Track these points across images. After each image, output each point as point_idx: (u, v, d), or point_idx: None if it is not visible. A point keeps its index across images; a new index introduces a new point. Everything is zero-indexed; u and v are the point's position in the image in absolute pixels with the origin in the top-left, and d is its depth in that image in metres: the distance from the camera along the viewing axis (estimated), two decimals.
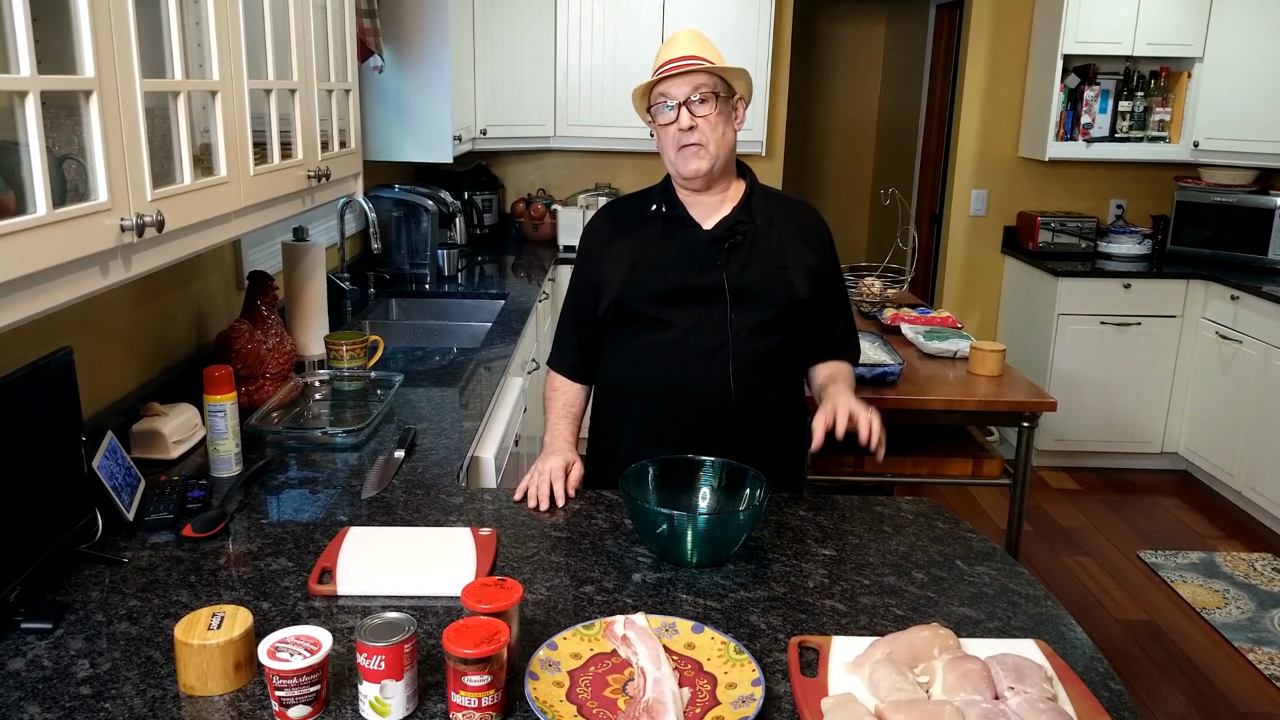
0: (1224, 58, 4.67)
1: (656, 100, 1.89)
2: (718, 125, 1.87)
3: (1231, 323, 4.46)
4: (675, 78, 1.85)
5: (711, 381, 1.90)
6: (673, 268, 1.92)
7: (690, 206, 1.96)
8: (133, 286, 2.08)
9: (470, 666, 1.15)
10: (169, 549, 1.60)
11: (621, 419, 2.00)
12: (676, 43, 1.88)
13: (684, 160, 1.88)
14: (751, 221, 1.94)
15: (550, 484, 1.83)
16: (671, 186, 1.99)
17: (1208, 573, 3.89)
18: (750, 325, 1.90)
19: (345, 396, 2.40)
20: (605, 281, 1.96)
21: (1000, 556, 1.65)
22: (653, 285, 1.92)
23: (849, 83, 6.91)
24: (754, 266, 1.91)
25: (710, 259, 1.91)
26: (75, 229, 1.22)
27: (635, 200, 2.05)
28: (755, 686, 1.22)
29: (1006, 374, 2.94)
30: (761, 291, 1.90)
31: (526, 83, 4.54)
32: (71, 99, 1.26)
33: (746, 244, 1.92)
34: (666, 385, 1.92)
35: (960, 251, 5.29)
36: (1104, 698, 1.26)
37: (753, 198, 1.97)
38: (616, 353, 2.00)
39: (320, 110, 2.18)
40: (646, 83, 1.89)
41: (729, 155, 1.93)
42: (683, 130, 1.85)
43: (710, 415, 1.90)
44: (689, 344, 1.90)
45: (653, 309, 1.92)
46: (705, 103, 1.85)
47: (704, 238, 1.93)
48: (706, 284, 1.90)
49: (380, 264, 3.87)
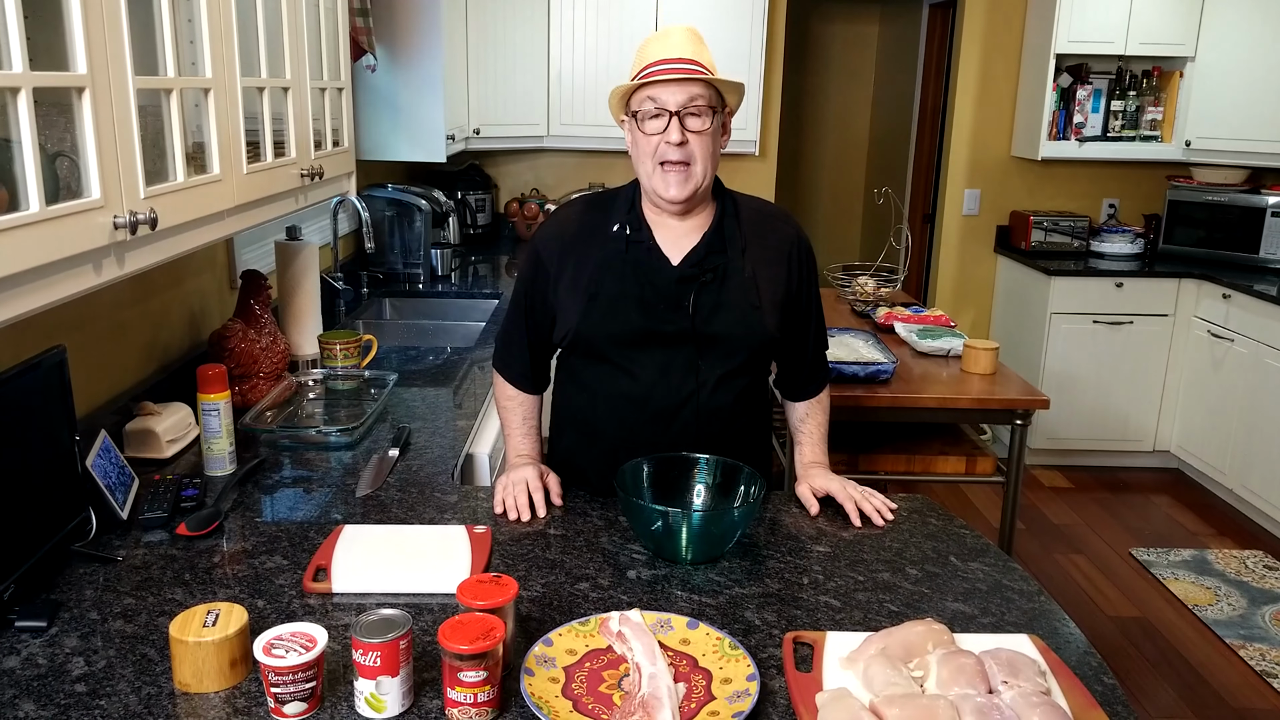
0: (1216, 57, 4.68)
1: (642, 104, 1.68)
2: (708, 144, 1.68)
3: (1223, 321, 4.48)
4: (671, 83, 1.65)
5: (678, 433, 1.78)
6: (635, 307, 1.74)
7: (657, 229, 1.77)
8: (126, 285, 2.07)
9: (465, 662, 1.15)
10: (163, 548, 1.59)
11: (584, 451, 1.89)
12: (670, 40, 1.69)
13: (665, 184, 1.69)
14: (723, 252, 1.76)
15: (529, 494, 1.75)
16: (638, 204, 1.79)
17: (1199, 570, 3.90)
18: (718, 374, 1.77)
19: (339, 396, 2.40)
20: (562, 307, 1.79)
21: (993, 553, 1.65)
22: (615, 326, 1.75)
23: (842, 82, 6.92)
24: (725, 310, 1.74)
25: (676, 300, 1.73)
26: (68, 226, 1.22)
27: (596, 207, 1.83)
28: (750, 681, 1.22)
29: (999, 372, 2.95)
30: (732, 337, 1.76)
31: (520, 82, 4.54)
32: (64, 96, 1.26)
33: (717, 281, 1.74)
34: (630, 433, 1.79)
35: (953, 251, 5.30)
36: (1097, 692, 1.26)
37: (724, 221, 1.77)
38: (580, 388, 1.87)
39: (313, 109, 2.17)
40: (631, 84, 1.69)
41: (713, 176, 1.75)
42: (670, 144, 1.66)
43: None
44: (655, 397, 1.77)
45: (615, 353, 1.77)
46: (700, 117, 1.66)
47: (670, 276, 1.74)
48: (673, 329, 1.74)
49: (374, 264, 3.86)
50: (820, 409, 1.98)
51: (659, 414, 1.78)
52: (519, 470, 1.82)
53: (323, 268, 3.29)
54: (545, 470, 1.84)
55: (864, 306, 3.64)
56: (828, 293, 4.03)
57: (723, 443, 1.78)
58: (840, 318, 3.57)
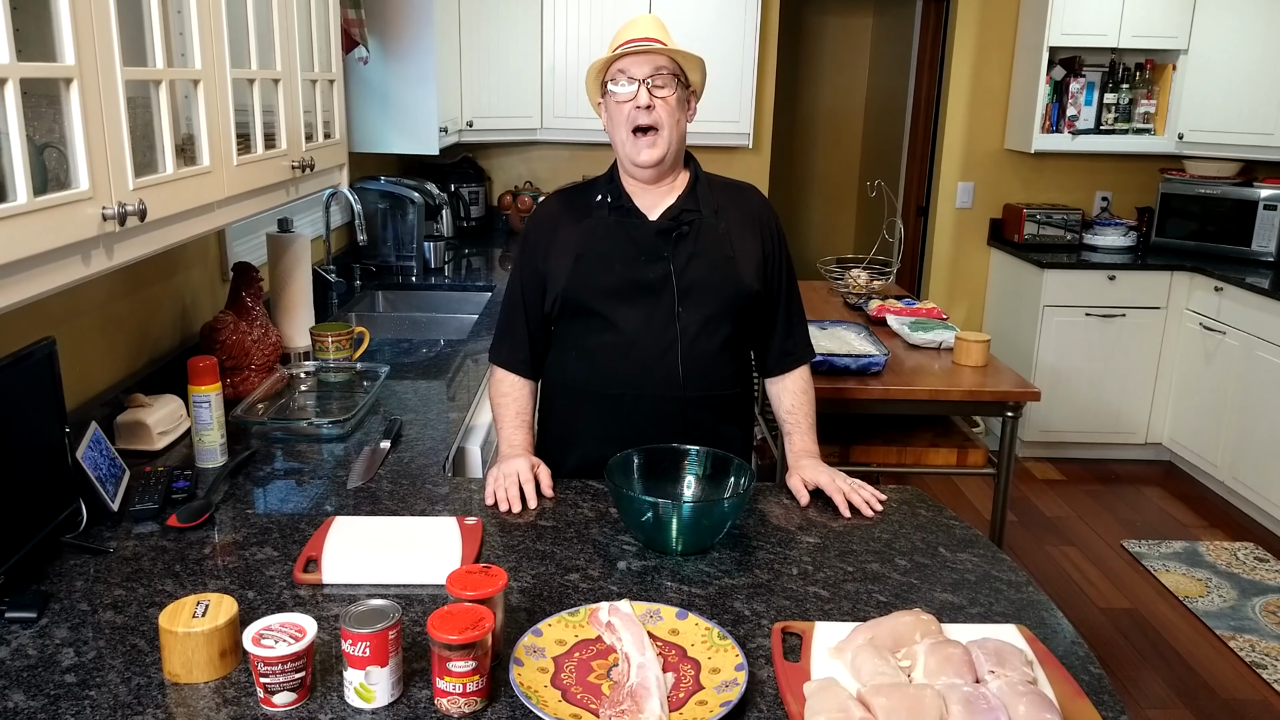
0: (1209, 50, 4.69)
1: (613, 76, 1.85)
2: (674, 111, 1.84)
3: (1215, 314, 4.49)
4: (636, 55, 1.82)
5: (663, 380, 1.88)
6: (619, 260, 1.88)
7: (635, 196, 1.93)
8: (117, 278, 2.07)
9: (455, 652, 1.15)
10: (154, 539, 1.60)
11: (574, 418, 1.97)
12: (638, 25, 1.86)
13: (636, 149, 1.85)
14: (697, 210, 1.91)
15: (520, 485, 1.79)
16: (618, 177, 1.95)
17: (1190, 562, 3.92)
18: (699, 320, 1.88)
19: (331, 388, 2.40)
20: (551, 274, 1.92)
21: (983, 544, 1.66)
22: (600, 279, 1.88)
23: (836, 75, 6.92)
24: (701, 257, 1.88)
25: (656, 251, 1.88)
26: (56, 217, 1.22)
27: (580, 191, 2.01)
28: (738, 671, 1.23)
29: (991, 364, 2.96)
30: (709, 283, 1.88)
31: (513, 75, 4.53)
32: (52, 87, 1.25)
33: (693, 234, 1.89)
34: (618, 385, 1.90)
35: (946, 244, 5.31)
36: (1084, 681, 1.27)
37: (698, 186, 1.94)
38: (566, 350, 1.97)
39: (304, 101, 2.17)
40: (604, 58, 1.86)
41: (680, 145, 1.90)
42: (639, 108, 1.81)
43: (663, 414, 1.89)
44: (639, 343, 1.88)
45: (600, 305, 1.88)
46: (664, 86, 1.82)
47: (650, 229, 1.89)
48: (653, 277, 1.87)
49: (366, 256, 3.86)
50: (806, 399, 2.01)
51: (644, 360, 1.88)
52: (510, 462, 1.84)
53: (315, 260, 3.29)
54: (536, 462, 1.87)
55: (856, 299, 3.65)
56: (820, 285, 4.03)
57: (708, 387, 1.91)
58: (833, 310, 3.57)
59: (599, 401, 1.92)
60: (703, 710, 1.16)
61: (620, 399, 1.90)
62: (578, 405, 1.96)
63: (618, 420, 1.91)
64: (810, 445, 1.96)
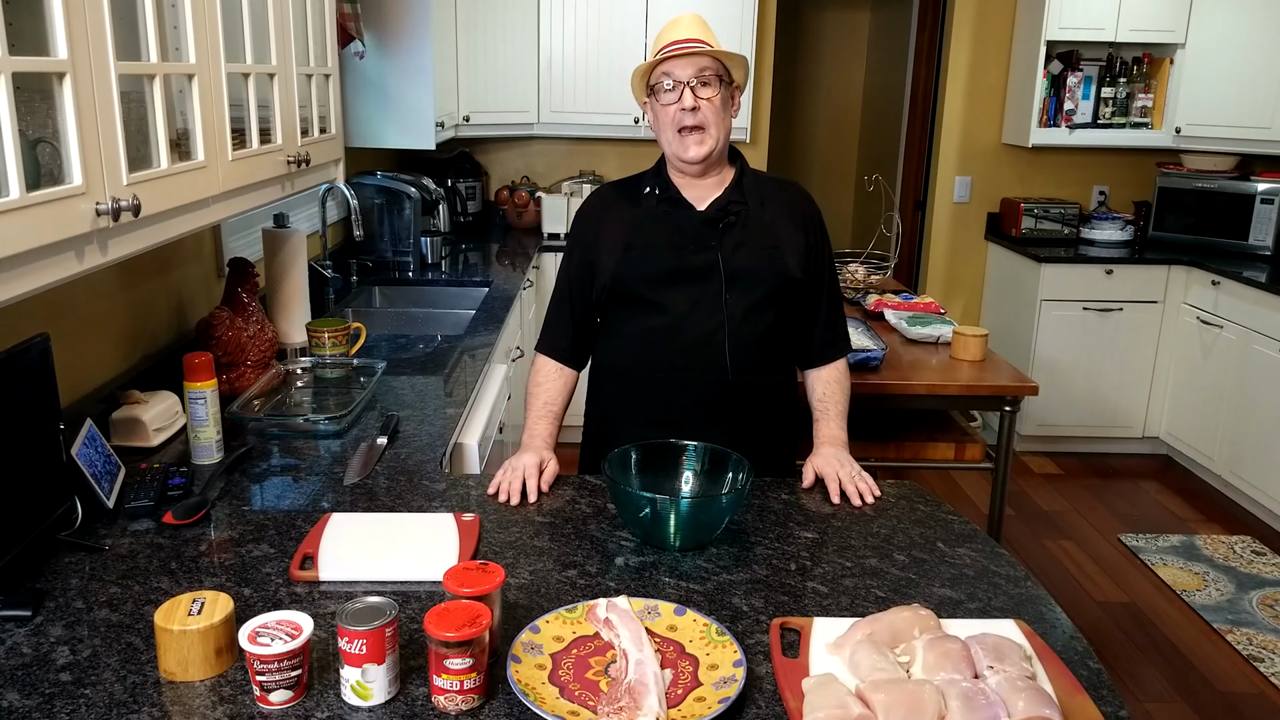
0: (1206, 44, 4.68)
1: (658, 79, 1.89)
2: (719, 110, 1.88)
3: (1212, 308, 4.49)
4: (680, 58, 1.85)
5: (709, 364, 1.91)
6: (667, 249, 1.93)
7: (683, 189, 1.97)
8: (111, 274, 2.06)
9: (452, 650, 1.15)
10: (149, 536, 1.59)
11: (620, 403, 2.00)
12: (680, 25, 1.89)
13: (684, 146, 1.89)
14: (744, 202, 1.95)
15: (524, 480, 1.81)
16: (665, 170, 1.99)
17: (1188, 555, 3.92)
18: (745, 306, 1.91)
19: (327, 384, 2.39)
20: (600, 263, 1.96)
21: (981, 538, 1.66)
22: (648, 267, 1.92)
23: (834, 69, 6.91)
24: (747, 246, 1.92)
25: (704, 240, 1.92)
26: (49, 213, 1.21)
27: (628, 184, 2.05)
28: (737, 668, 1.23)
29: (989, 359, 2.96)
30: (756, 271, 1.92)
31: (510, 69, 4.52)
32: (45, 81, 1.24)
33: (739, 224, 1.94)
34: (665, 369, 1.93)
35: (944, 238, 5.30)
36: (1083, 676, 1.27)
37: (744, 180, 1.98)
38: (613, 336, 2.00)
39: (300, 96, 2.16)
40: (649, 62, 1.89)
41: (726, 141, 1.95)
42: (685, 110, 1.86)
43: (709, 397, 1.92)
44: (686, 326, 1.91)
45: (649, 291, 1.92)
46: (708, 85, 1.86)
47: (697, 219, 1.94)
48: (701, 264, 1.91)
49: (363, 251, 3.85)
50: (840, 388, 2.05)
51: (691, 343, 1.91)
52: (522, 455, 1.87)
53: (311, 256, 3.27)
54: (547, 458, 1.89)
55: (854, 294, 3.64)
56: None
57: (753, 372, 1.94)
58: None
59: (645, 384, 1.95)
60: (701, 706, 1.16)
61: (667, 382, 1.93)
62: (625, 389, 1.99)
63: (663, 403, 1.94)
64: (836, 432, 1.99)
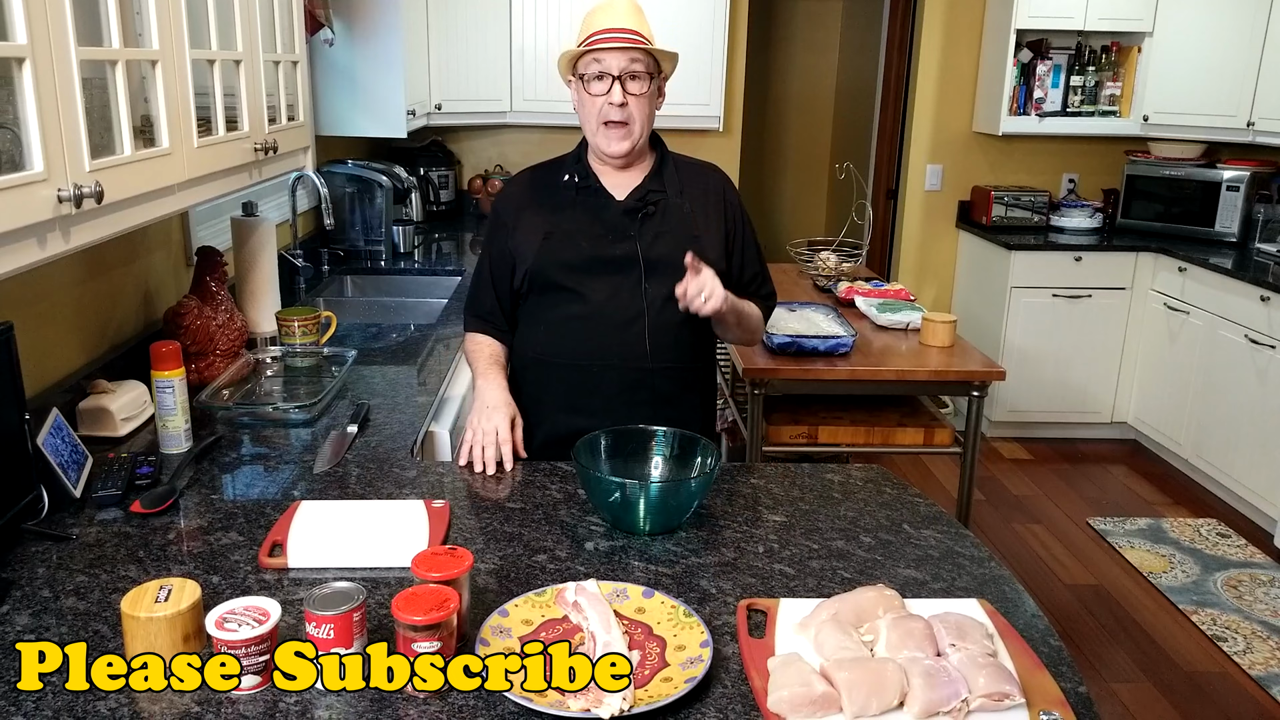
0: (1173, 33, 4.73)
1: (587, 66, 1.87)
2: (646, 105, 1.88)
3: (1179, 294, 4.55)
4: (614, 50, 1.84)
5: (629, 351, 1.92)
6: (586, 238, 1.93)
7: (603, 176, 1.97)
8: (77, 262, 2.05)
9: (419, 633, 1.16)
10: (117, 525, 1.58)
11: (541, 391, 2.01)
12: (615, 9, 1.87)
13: (607, 140, 1.89)
14: (663, 191, 1.95)
15: (498, 447, 1.83)
16: (585, 156, 1.99)
17: (1155, 539, 3.98)
18: (665, 294, 1.89)
19: (298, 373, 2.39)
20: (519, 251, 1.96)
21: (946, 520, 1.68)
22: (567, 256, 1.92)
23: (806, 58, 6.92)
24: (667, 236, 1.93)
25: (623, 230, 1.93)
26: (10, 199, 1.20)
27: (548, 169, 2.04)
28: (704, 648, 1.24)
29: (957, 345, 2.98)
30: (675, 261, 1.87)
31: (482, 57, 4.50)
32: (4, 67, 1.23)
33: (659, 214, 1.94)
34: (585, 356, 1.94)
35: (916, 226, 5.33)
36: (1043, 654, 1.29)
37: (664, 168, 1.98)
38: (533, 325, 2.01)
39: (268, 83, 2.15)
40: (576, 50, 1.87)
41: (649, 133, 1.95)
42: (612, 105, 1.85)
43: (629, 384, 1.94)
44: (605, 315, 1.92)
45: (568, 279, 1.93)
46: (638, 79, 1.86)
47: (617, 209, 1.94)
48: (620, 254, 1.92)
49: (334, 240, 3.83)
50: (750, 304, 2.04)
51: (610, 331, 1.92)
52: (489, 419, 1.87)
53: (282, 245, 3.25)
54: (514, 414, 1.91)
55: (825, 281, 3.67)
56: (790, 268, 4.04)
57: (673, 359, 1.95)
58: (802, 292, 3.59)
59: (566, 372, 1.96)
60: (668, 686, 1.17)
61: (588, 369, 1.94)
62: (545, 377, 1.99)
63: (585, 391, 1.94)
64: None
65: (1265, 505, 4.00)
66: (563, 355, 1.95)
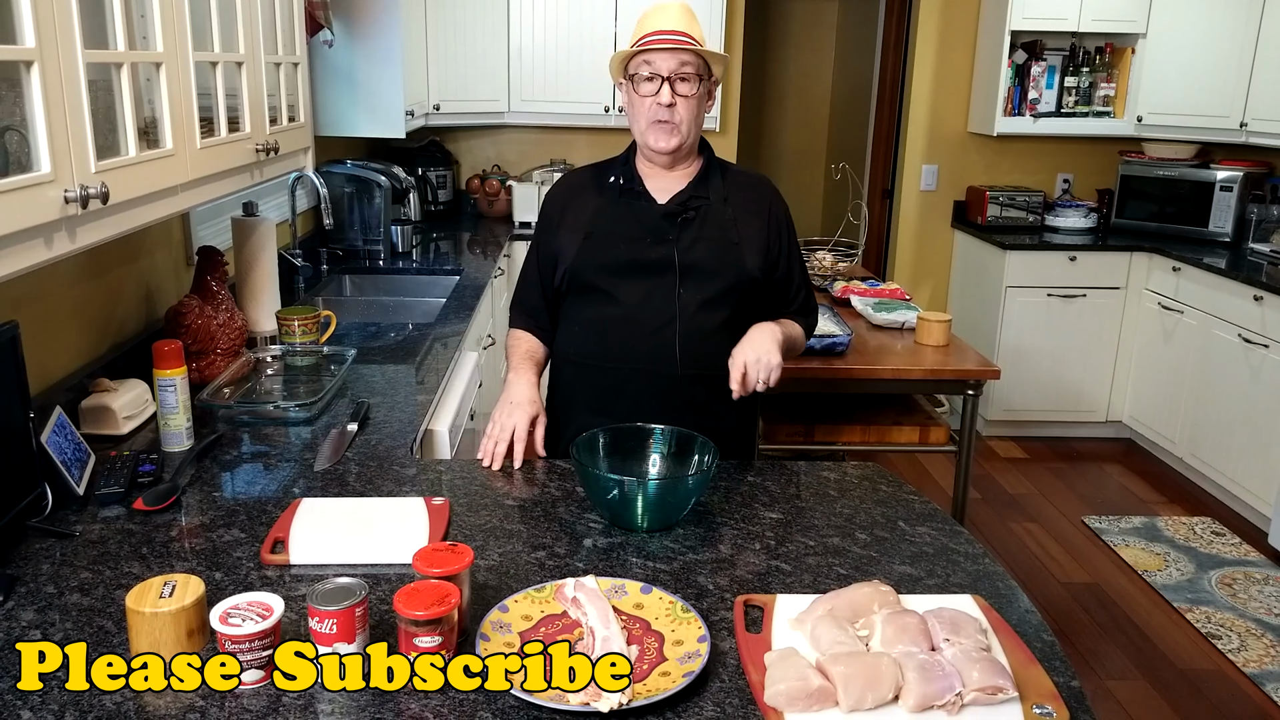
0: (1166, 34, 4.75)
1: (639, 67, 1.89)
2: (694, 106, 1.90)
3: (1173, 294, 4.57)
4: (665, 51, 1.86)
5: (659, 356, 1.92)
6: (624, 240, 1.94)
7: (648, 179, 1.98)
8: (80, 263, 2.06)
9: (421, 628, 1.17)
10: (120, 522, 1.60)
11: (573, 390, 2.02)
12: (667, 13, 1.89)
13: (656, 136, 1.90)
14: (706, 197, 1.96)
15: (511, 444, 1.85)
16: (632, 159, 2.01)
17: (1149, 537, 4.00)
18: (698, 300, 1.92)
19: (298, 372, 2.40)
20: (561, 251, 1.99)
21: (941, 517, 1.70)
22: (605, 257, 1.94)
23: (803, 59, 6.94)
24: (705, 242, 1.94)
25: (662, 233, 1.93)
26: (18, 200, 1.21)
27: (595, 171, 2.06)
28: (701, 643, 1.26)
29: (953, 344, 3.00)
30: (711, 267, 1.93)
31: (480, 58, 4.52)
32: (12, 70, 1.25)
33: (699, 219, 1.95)
34: (616, 359, 1.94)
35: (911, 225, 5.36)
36: (1036, 649, 1.31)
37: (709, 173, 1.99)
38: (570, 324, 2.02)
39: (268, 84, 2.16)
40: (631, 49, 1.89)
41: (698, 135, 1.96)
42: (662, 105, 1.87)
43: (658, 389, 1.93)
44: (639, 318, 1.93)
45: (604, 281, 1.94)
46: (688, 82, 1.87)
47: (657, 212, 1.95)
48: (656, 258, 1.92)
49: (333, 240, 3.85)
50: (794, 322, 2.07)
51: (642, 335, 1.93)
52: (511, 414, 1.89)
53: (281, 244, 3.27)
54: (534, 415, 1.91)
55: (822, 281, 3.68)
56: None
57: (703, 366, 1.93)
58: None
59: (596, 375, 1.97)
60: (666, 681, 1.19)
61: (617, 372, 1.95)
62: (578, 376, 2.01)
63: (613, 392, 1.95)
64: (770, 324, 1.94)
65: (1259, 503, 4.02)
66: (594, 357, 1.97)
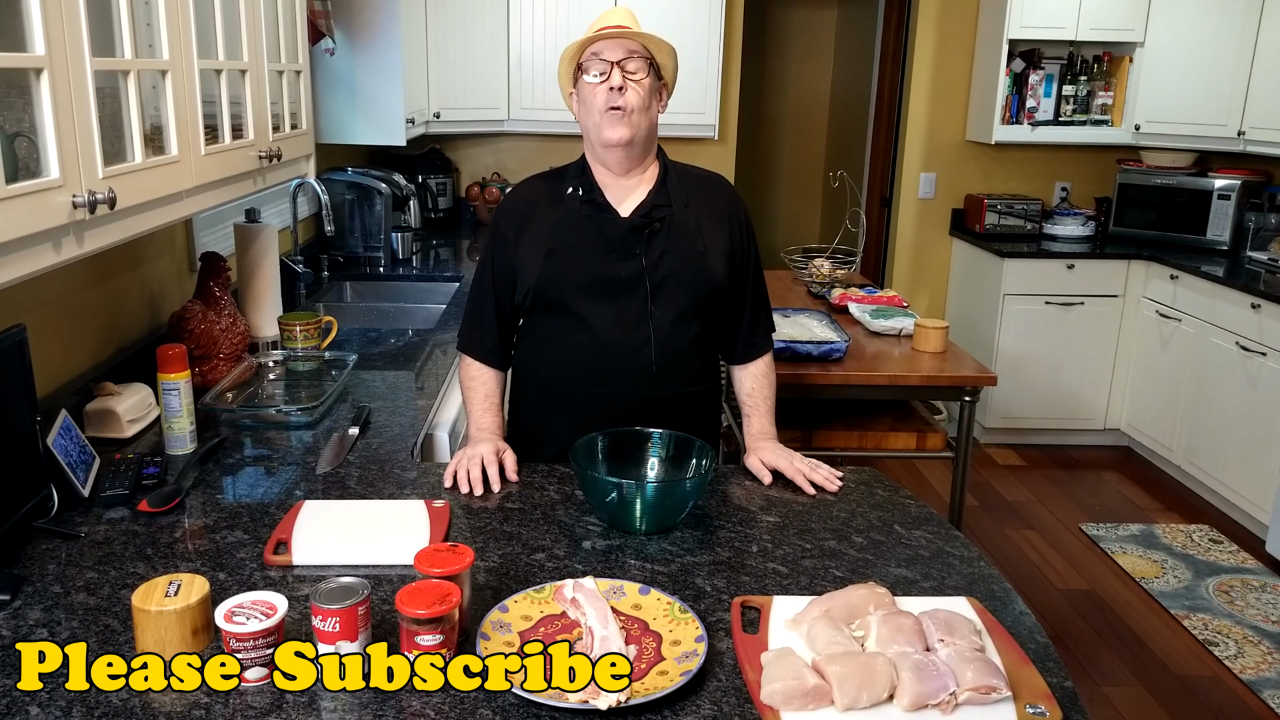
0: (1165, 42, 4.78)
1: (587, 60, 1.86)
2: (644, 96, 1.85)
3: (1171, 302, 4.59)
4: (609, 39, 1.84)
5: (636, 378, 1.91)
6: (591, 256, 1.89)
7: (607, 189, 1.93)
8: (85, 267, 2.08)
9: (422, 627, 1.19)
10: (125, 524, 1.62)
11: (548, 413, 1.99)
12: (609, 16, 1.89)
13: (609, 125, 1.84)
14: (668, 204, 1.91)
15: (483, 468, 1.80)
16: (588, 168, 1.95)
17: (1147, 544, 4.01)
18: (672, 317, 1.90)
19: (299, 376, 2.42)
20: (521, 267, 1.92)
21: (937, 521, 1.72)
22: (571, 275, 1.88)
23: (801, 67, 6.97)
24: (672, 254, 1.89)
25: (629, 248, 1.88)
26: (27, 205, 1.23)
27: (550, 180, 1.99)
28: (699, 643, 1.27)
29: (950, 351, 3.02)
30: (681, 279, 1.89)
31: (480, 66, 4.54)
32: (22, 77, 1.27)
33: (664, 230, 1.90)
34: (593, 384, 1.92)
35: (909, 233, 5.38)
36: (1030, 650, 1.32)
37: (668, 179, 1.94)
38: (537, 343, 1.98)
39: (271, 92, 2.19)
40: (577, 42, 1.87)
41: (650, 133, 1.91)
42: (613, 89, 1.82)
43: (638, 410, 1.91)
44: (613, 341, 1.89)
45: (573, 302, 1.89)
46: (637, 70, 1.84)
47: (622, 226, 1.89)
48: (626, 275, 1.88)
49: (334, 247, 3.87)
50: (767, 382, 2.05)
51: (618, 359, 1.90)
52: (476, 445, 1.87)
53: (282, 251, 3.29)
54: (503, 447, 1.89)
55: (820, 288, 3.71)
56: (784, 274, 4.08)
57: (681, 384, 1.94)
58: (796, 299, 3.63)
59: (574, 399, 1.94)
60: (664, 680, 1.21)
61: (595, 397, 1.92)
62: (552, 400, 1.97)
63: (593, 416, 1.90)
64: (768, 428, 2.00)
65: (1256, 511, 4.04)
66: (570, 382, 1.93)
